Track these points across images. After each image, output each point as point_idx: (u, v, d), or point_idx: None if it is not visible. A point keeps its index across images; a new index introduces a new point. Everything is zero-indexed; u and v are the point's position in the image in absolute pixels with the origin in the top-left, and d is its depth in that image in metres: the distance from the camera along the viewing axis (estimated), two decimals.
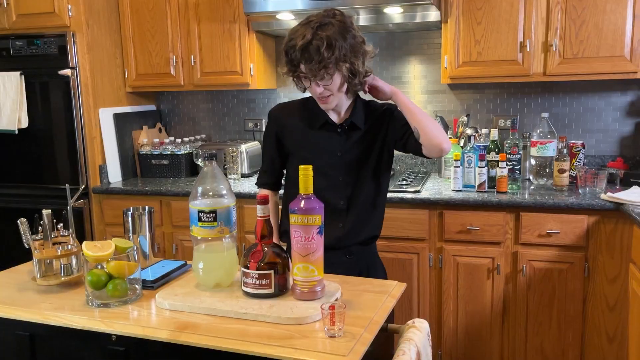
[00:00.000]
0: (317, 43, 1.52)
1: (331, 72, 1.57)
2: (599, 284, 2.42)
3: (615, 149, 2.92)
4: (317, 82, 1.59)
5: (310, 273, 1.34)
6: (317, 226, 1.32)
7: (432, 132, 1.61)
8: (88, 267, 1.39)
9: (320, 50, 1.52)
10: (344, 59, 1.55)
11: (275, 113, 1.81)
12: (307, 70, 1.57)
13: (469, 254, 2.54)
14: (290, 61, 1.60)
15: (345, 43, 1.55)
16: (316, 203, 1.33)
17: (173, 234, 2.99)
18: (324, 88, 1.61)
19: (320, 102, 1.67)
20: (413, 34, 3.14)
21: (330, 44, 1.52)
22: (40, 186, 3.12)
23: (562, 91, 2.95)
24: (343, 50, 1.54)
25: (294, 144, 1.77)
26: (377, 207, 1.80)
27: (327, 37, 1.52)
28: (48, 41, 2.98)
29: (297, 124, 1.77)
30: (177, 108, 3.65)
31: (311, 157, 1.72)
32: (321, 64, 1.53)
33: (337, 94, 1.64)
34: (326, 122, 1.73)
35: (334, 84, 1.60)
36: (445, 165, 2.94)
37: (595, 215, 2.38)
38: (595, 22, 2.54)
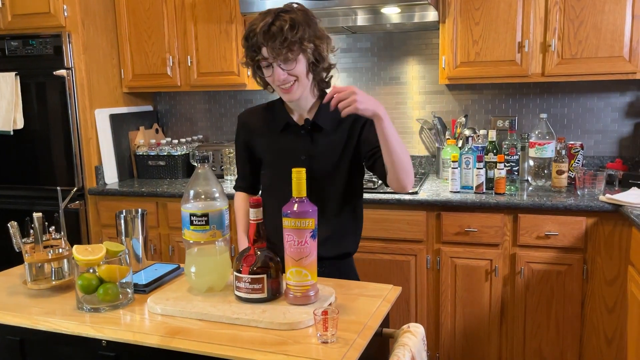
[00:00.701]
0: (281, 23, 1.45)
1: (295, 54, 1.47)
2: (598, 286, 2.41)
3: (614, 149, 2.90)
4: (279, 67, 1.48)
5: (304, 277, 1.32)
6: (310, 230, 1.30)
7: (402, 175, 1.50)
8: (79, 271, 1.37)
9: (283, 29, 1.44)
10: (309, 39, 1.48)
11: (242, 118, 1.75)
12: (270, 53, 1.46)
13: (466, 255, 2.53)
14: (251, 46, 1.50)
15: (307, 26, 1.49)
16: (309, 206, 1.31)
17: (169, 235, 2.98)
18: (288, 73, 1.50)
19: (283, 93, 1.56)
20: (411, 34, 3.12)
21: (293, 24, 1.46)
22: (36, 187, 3.11)
23: (560, 92, 2.93)
24: (307, 32, 1.48)
25: (261, 149, 1.71)
26: (348, 219, 1.67)
27: (290, 19, 1.47)
28: (43, 41, 2.96)
29: (262, 127, 1.70)
30: (174, 109, 3.63)
31: (276, 161, 1.67)
32: (285, 43, 1.44)
33: (303, 81, 1.53)
34: (288, 124, 1.64)
35: (298, 67, 1.50)
36: (443, 167, 2.92)
37: (594, 216, 2.36)
38: (594, 22, 2.52)
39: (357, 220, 1.73)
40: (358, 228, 1.74)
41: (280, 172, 1.66)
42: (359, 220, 1.74)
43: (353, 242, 1.72)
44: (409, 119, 3.18)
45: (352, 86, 1.39)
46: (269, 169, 1.72)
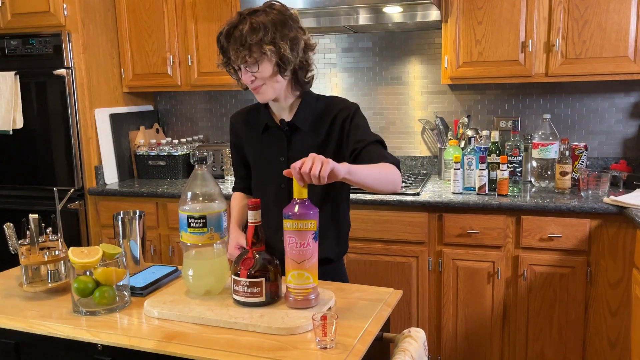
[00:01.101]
0: (242, 26, 1.44)
1: (255, 56, 1.44)
2: (601, 289, 2.38)
3: (618, 150, 2.87)
4: (245, 69, 1.47)
5: (305, 280, 1.29)
6: (312, 232, 1.28)
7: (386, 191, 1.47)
8: (75, 274, 1.36)
9: (243, 33, 1.43)
10: (270, 42, 1.45)
11: (232, 120, 1.76)
12: (233, 55, 1.46)
13: (469, 257, 2.50)
14: (221, 48, 1.51)
15: (273, 28, 1.46)
16: (310, 208, 1.28)
17: (169, 236, 2.96)
18: (253, 76, 1.48)
19: (255, 94, 1.54)
20: (413, 33, 3.09)
21: (254, 28, 1.44)
22: (36, 187, 3.09)
23: (564, 92, 2.91)
24: (269, 34, 1.45)
25: (246, 150, 1.72)
26: (327, 223, 1.62)
27: (254, 22, 1.45)
28: (43, 41, 2.94)
29: (247, 129, 1.70)
30: (174, 108, 3.61)
31: (258, 163, 1.67)
32: (244, 47, 1.43)
33: (270, 83, 1.50)
34: (267, 125, 1.63)
35: (262, 70, 1.47)
36: (445, 167, 2.89)
37: (598, 219, 2.33)
38: (598, 22, 2.49)
39: (338, 225, 1.67)
40: (341, 233, 1.68)
41: (262, 173, 1.67)
42: (341, 226, 1.68)
43: (333, 248, 1.65)
44: (411, 119, 3.16)
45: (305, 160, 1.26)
46: (254, 170, 1.72)
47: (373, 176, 1.42)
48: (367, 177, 1.40)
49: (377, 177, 1.43)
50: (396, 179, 1.48)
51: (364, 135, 1.55)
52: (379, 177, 1.44)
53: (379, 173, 1.44)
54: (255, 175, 1.72)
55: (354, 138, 1.55)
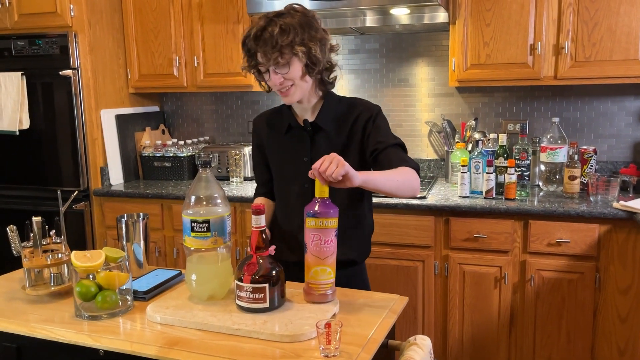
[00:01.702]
0: (272, 28, 1.46)
1: (287, 57, 1.47)
2: (610, 295, 2.34)
3: (628, 154, 2.83)
4: (274, 71, 1.49)
5: (327, 276, 1.34)
6: (334, 229, 1.32)
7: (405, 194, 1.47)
8: (77, 278, 1.34)
9: (274, 35, 1.45)
10: (300, 43, 1.47)
11: (255, 122, 1.75)
12: (263, 57, 1.47)
13: (475, 262, 2.47)
14: (247, 52, 1.51)
15: (301, 29, 1.48)
16: (331, 207, 1.32)
17: (174, 237, 2.95)
18: (284, 77, 1.49)
19: (282, 96, 1.55)
20: (420, 35, 3.07)
21: (284, 29, 1.46)
22: (41, 188, 3.09)
23: (573, 95, 2.87)
24: (299, 35, 1.47)
25: (269, 151, 1.70)
26: (352, 229, 1.62)
27: (282, 23, 1.47)
28: (50, 41, 2.94)
29: (271, 130, 1.70)
30: (180, 109, 3.60)
31: (281, 164, 1.65)
32: (275, 48, 1.45)
33: (299, 84, 1.52)
34: (290, 126, 1.63)
35: (292, 71, 1.49)
36: (452, 171, 2.87)
37: (607, 224, 2.30)
38: (608, 24, 2.45)
39: (362, 227, 1.68)
40: (364, 235, 1.69)
41: (285, 174, 1.66)
42: (365, 227, 1.69)
43: (357, 249, 1.66)
44: (418, 121, 3.13)
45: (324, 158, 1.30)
46: (276, 172, 1.70)
47: (391, 183, 1.44)
48: (384, 183, 1.42)
49: (396, 184, 1.45)
50: (415, 184, 1.49)
51: (384, 137, 1.56)
52: (397, 183, 1.45)
53: (397, 180, 1.45)
54: (278, 176, 1.69)
55: (374, 139, 1.56)
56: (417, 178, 1.50)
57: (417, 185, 1.50)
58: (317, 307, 1.33)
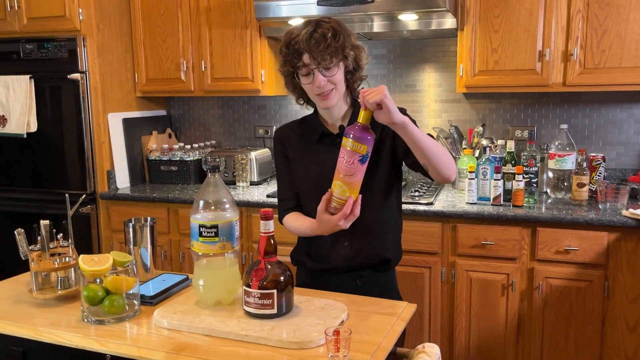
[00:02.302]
0: (323, 31, 1.49)
1: (337, 60, 1.50)
2: (619, 304, 2.32)
3: (636, 162, 2.81)
4: (321, 73, 1.49)
5: (343, 192, 1.40)
6: (360, 155, 1.37)
7: (442, 168, 1.47)
8: (84, 282, 1.34)
9: (326, 36, 1.48)
10: (350, 47, 1.52)
11: (278, 133, 1.74)
12: (312, 59, 1.48)
13: (483, 269, 2.46)
14: (293, 52, 1.51)
15: (347, 36, 1.53)
16: (368, 134, 1.37)
17: (180, 241, 2.95)
18: (328, 80, 1.51)
19: (320, 100, 1.55)
20: (428, 41, 3.06)
21: (335, 32, 1.50)
22: (48, 191, 3.10)
23: (581, 102, 2.86)
24: (347, 40, 1.52)
25: (297, 161, 1.68)
26: (388, 225, 1.65)
27: (332, 27, 1.51)
28: (58, 45, 2.95)
29: (298, 141, 1.69)
30: (187, 113, 3.61)
31: (313, 171, 1.63)
32: (328, 49, 1.47)
33: (340, 88, 1.55)
34: (323, 134, 1.63)
35: (338, 74, 1.52)
36: (459, 177, 2.85)
37: (616, 232, 2.28)
38: (617, 31, 2.44)
39: (397, 227, 1.70)
40: (395, 232, 1.70)
41: (318, 184, 1.57)
42: (399, 227, 1.72)
43: (390, 250, 1.66)
44: (425, 127, 3.12)
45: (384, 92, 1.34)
46: (307, 182, 1.66)
47: (431, 143, 1.45)
48: (423, 138, 1.43)
49: (435, 148, 1.45)
50: (452, 164, 1.49)
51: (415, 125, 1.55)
52: (436, 148, 1.45)
53: (437, 146, 1.46)
54: (310, 187, 1.64)
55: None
56: (453, 161, 1.51)
57: (454, 167, 1.50)
58: (326, 313, 1.32)
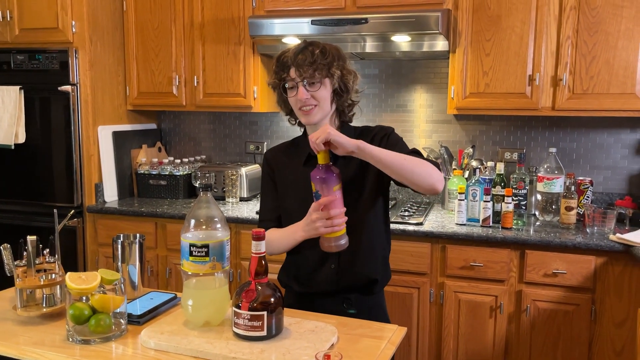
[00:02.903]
0: (313, 48, 1.54)
1: (321, 75, 1.52)
2: (606, 328, 2.33)
3: (623, 186, 2.85)
4: (305, 87, 1.52)
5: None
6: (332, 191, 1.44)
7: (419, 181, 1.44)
8: (71, 300, 1.31)
9: (314, 53, 1.52)
10: (337, 67, 1.54)
11: (267, 155, 1.75)
12: (297, 72, 1.52)
13: (471, 290, 2.46)
14: (281, 65, 1.56)
15: (338, 57, 1.56)
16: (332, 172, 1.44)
17: (167, 257, 2.91)
18: (311, 94, 1.53)
19: (303, 115, 1.57)
20: (419, 62, 3.09)
21: (325, 51, 1.54)
22: (35, 203, 3.06)
23: (569, 126, 2.90)
24: (337, 61, 1.55)
25: (284, 182, 1.68)
26: (375, 246, 1.64)
27: (324, 46, 1.56)
28: (50, 56, 2.94)
29: (286, 162, 1.69)
30: (178, 127, 3.60)
31: (299, 194, 1.61)
32: (313, 65, 1.50)
33: (324, 106, 1.56)
34: (309, 156, 1.61)
35: (322, 91, 1.54)
36: (449, 197, 2.87)
37: (604, 256, 2.30)
38: (606, 58, 2.49)
39: (385, 248, 1.69)
40: (383, 253, 1.68)
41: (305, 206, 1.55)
42: (387, 248, 1.70)
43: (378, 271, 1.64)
44: (415, 147, 3.13)
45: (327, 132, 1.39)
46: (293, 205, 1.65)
47: (399, 159, 1.43)
48: (389, 157, 1.42)
49: (404, 163, 1.44)
50: (432, 172, 1.46)
51: (400, 149, 1.55)
52: (405, 162, 1.44)
53: (405, 159, 1.45)
54: (293, 210, 1.63)
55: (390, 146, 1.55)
56: (436, 170, 1.47)
57: (437, 176, 1.46)
58: (316, 336, 1.31)
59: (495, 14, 2.59)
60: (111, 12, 3.11)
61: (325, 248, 1.48)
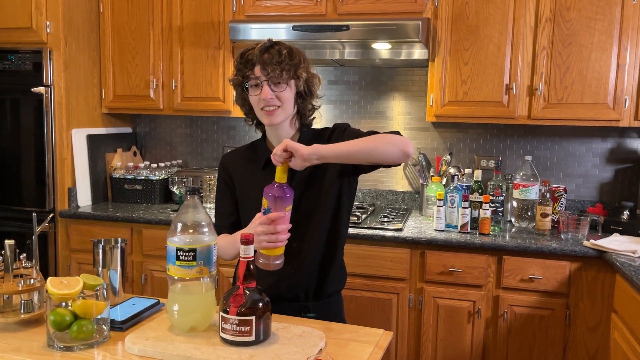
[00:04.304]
0: (280, 48, 1.51)
1: (287, 76, 1.49)
2: (580, 332, 2.39)
3: (594, 194, 2.93)
4: (269, 87, 1.48)
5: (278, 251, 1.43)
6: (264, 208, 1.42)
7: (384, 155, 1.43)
8: (51, 305, 1.27)
9: (281, 53, 1.49)
10: (303, 69, 1.53)
11: (223, 160, 1.71)
12: (262, 71, 1.48)
13: (450, 296, 2.48)
14: (245, 62, 1.51)
15: (304, 60, 1.55)
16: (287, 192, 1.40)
17: (143, 263, 2.86)
18: (276, 95, 1.50)
19: (265, 115, 1.52)
20: (399, 70, 3.13)
21: (292, 52, 1.52)
22: (4, 207, 2.96)
23: (544, 135, 2.97)
24: (303, 62, 1.54)
25: (242, 187, 1.65)
26: (337, 252, 1.63)
27: (290, 47, 1.53)
28: (23, 57, 2.86)
29: (243, 165, 1.66)
30: (154, 132, 3.54)
31: (256, 197, 1.55)
32: (280, 65, 1.47)
33: (287, 108, 1.53)
34: (269, 160, 1.54)
35: (286, 92, 1.51)
36: (427, 204, 2.90)
37: (578, 261, 2.35)
38: (579, 69, 2.56)
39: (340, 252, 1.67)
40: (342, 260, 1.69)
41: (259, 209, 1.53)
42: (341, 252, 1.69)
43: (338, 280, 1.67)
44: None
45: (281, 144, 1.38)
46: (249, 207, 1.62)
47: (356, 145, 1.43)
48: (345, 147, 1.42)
49: (363, 145, 1.43)
50: (394, 140, 1.43)
51: (355, 135, 1.54)
52: (365, 143, 1.43)
53: (363, 141, 1.44)
54: (250, 213, 1.57)
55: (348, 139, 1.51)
56: (397, 136, 1.45)
57: (400, 140, 1.43)
58: (304, 341, 1.30)
59: (474, 24, 2.65)
60: (87, 12, 3.06)
61: (262, 265, 1.41)
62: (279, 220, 1.39)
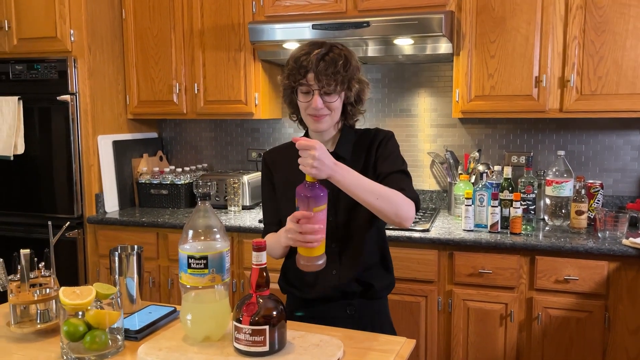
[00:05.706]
0: (335, 56, 1.47)
1: (341, 88, 1.49)
2: (620, 335, 2.26)
3: (634, 189, 2.78)
4: (321, 96, 1.47)
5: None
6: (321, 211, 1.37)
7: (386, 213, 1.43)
8: (65, 316, 1.26)
9: (337, 63, 1.46)
10: (357, 80, 1.52)
11: (265, 157, 1.71)
12: (316, 81, 1.46)
13: (480, 298, 2.39)
14: (299, 68, 1.48)
15: (357, 69, 1.53)
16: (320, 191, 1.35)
17: (169, 267, 2.86)
18: (326, 104, 1.49)
19: (312, 121, 1.53)
20: (423, 65, 3.04)
21: (347, 62, 1.49)
22: (34, 214, 3.01)
23: (577, 128, 2.84)
24: (356, 72, 1.52)
25: (283, 185, 1.64)
26: (377, 250, 1.62)
27: (345, 56, 1.49)
28: (48, 66, 2.91)
29: (285, 164, 1.65)
30: (179, 136, 3.55)
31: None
32: (335, 76, 1.45)
33: (335, 115, 1.53)
34: None
35: (337, 102, 1.51)
36: (455, 203, 2.81)
37: (616, 261, 2.23)
38: (614, 58, 2.43)
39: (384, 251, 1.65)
40: (385, 258, 1.65)
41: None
42: (386, 251, 1.66)
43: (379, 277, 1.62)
44: (420, 152, 3.09)
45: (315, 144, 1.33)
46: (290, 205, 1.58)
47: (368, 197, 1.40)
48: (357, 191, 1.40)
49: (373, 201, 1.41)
50: (401, 203, 1.44)
51: (391, 163, 1.55)
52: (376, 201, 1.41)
53: (377, 198, 1.41)
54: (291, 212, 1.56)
55: (381, 163, 1.56)
56: (407, 204, 1.46)
57: (407, 208, 1.45)
58: (321, 350, 1.25)
59: (500, 15, 2.55)
60: (110, 20, 3.08)
61: (300, 266, 1.39)
62: (304, 220, 1.35)
